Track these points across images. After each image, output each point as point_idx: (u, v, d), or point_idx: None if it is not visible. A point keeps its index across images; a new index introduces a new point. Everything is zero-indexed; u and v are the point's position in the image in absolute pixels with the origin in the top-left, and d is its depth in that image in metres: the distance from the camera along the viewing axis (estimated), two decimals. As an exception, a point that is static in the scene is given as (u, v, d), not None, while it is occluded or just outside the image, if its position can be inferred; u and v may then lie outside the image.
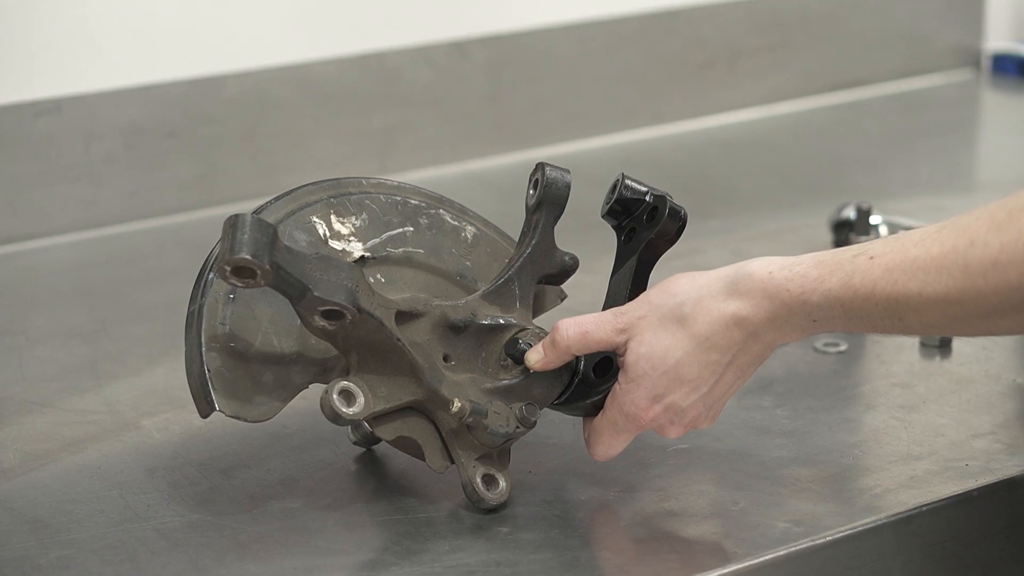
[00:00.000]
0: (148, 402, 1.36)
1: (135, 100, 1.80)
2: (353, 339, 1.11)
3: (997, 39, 2.37)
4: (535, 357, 1.16)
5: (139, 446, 1.28)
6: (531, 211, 1.23)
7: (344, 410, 1.10)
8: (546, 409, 1.19)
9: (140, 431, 1.31)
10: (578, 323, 1.15)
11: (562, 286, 1.26)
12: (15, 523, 1.16)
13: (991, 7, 2.36)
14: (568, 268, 1.24)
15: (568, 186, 1.22)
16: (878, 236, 1.63)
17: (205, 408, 1.11)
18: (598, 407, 1.17)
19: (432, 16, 1.97)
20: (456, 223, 1.26)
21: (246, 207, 1.18)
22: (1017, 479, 1.19)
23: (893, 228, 1.63)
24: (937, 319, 1.05)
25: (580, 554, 1.11)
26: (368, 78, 1.93)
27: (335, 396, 1.10)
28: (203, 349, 1.11)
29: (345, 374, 1.13)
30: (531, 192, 1.23)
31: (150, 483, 1.22)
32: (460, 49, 1.98)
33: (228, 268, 1.07)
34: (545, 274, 1.23)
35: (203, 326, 1.12)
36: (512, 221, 1.27)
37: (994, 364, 1.37)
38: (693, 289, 1.13)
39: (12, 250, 1.75)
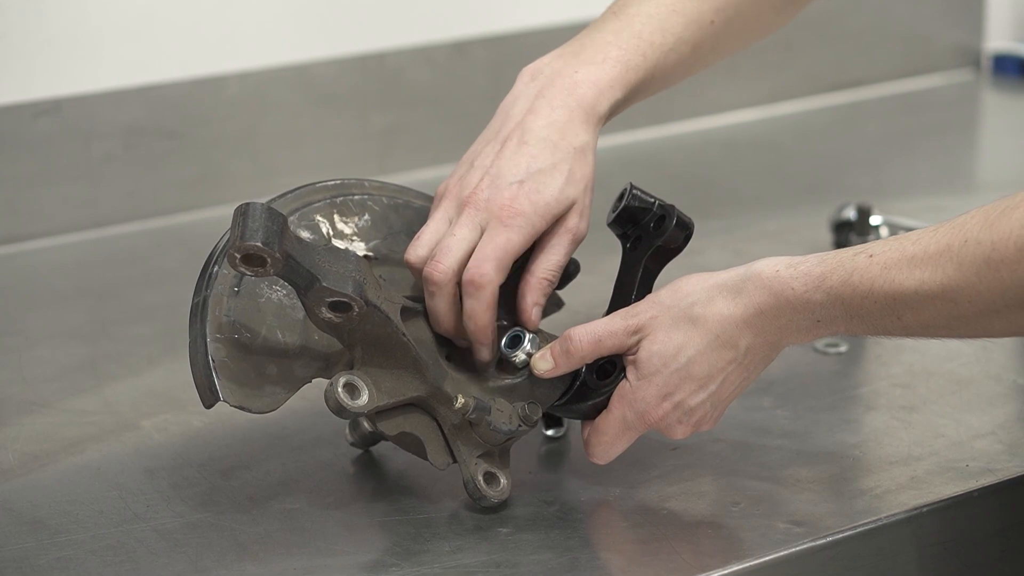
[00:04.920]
0: (148, 403, 1.36)
1: (135, 100, 1.80)
2: (358, 333, 1.11)
3: (997, 39, 2.36)
4: (544, 366, 1.17)
5: (139, 447, 1.28)
6: None
7: (349, 402, 1.10)
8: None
9: (140, 432, 1.31)
10: (590, 331, 1.15)
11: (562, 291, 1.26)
12: (14, 524, 1.16)
13: (991, 7, 2.36)
14: (570, 273, 1.24)
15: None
16: (878, 236, 1.63)
17: (209, 398, 1.10)
18: (598, 409, 1.17)
19: (432, 16, 1.97)
20: None
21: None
22: (1017, 479, 1.19)
23: (893, 228, 1.63)
24: (934, 318, 1.06)
25: (580, 555, 1.11)
26: (368, 78, 1.93)
27: (340, 389, 1.10)
28: (208, 339, 1.11)
29: (349, 368, 1.13)
30: None
31: (150, 484, 1.22)
32: (460, 49, 1.98)
33: (238, 255, 1.05)
34: None
35: (208, 317, 1.11)
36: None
37: (994, 364, 1.37)
38: (704, 290, 1.13)
39: (12, 250, 1.75)
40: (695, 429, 1.16)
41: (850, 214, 1.63)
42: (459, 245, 1.16)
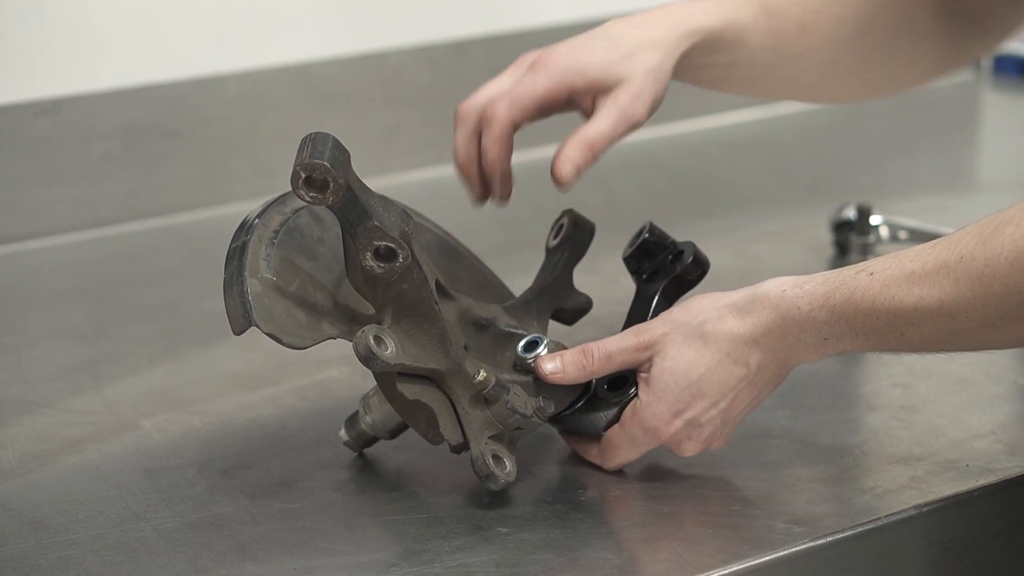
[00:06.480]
0: (147, 403, 1.36)
1: (135, 100, 1.80)
2: (393, 291, 1.11)
3: (997, 39, 2.36)
4: (551, 367, 1.17)
5: (138, 447, 1.28)
6: (551, 252, 1.26)
7: (378, 350, 1.10)
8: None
9: (139, 432, 1.31)
10: (602, 347, 1.17)
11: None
12: (14, 524, 1.16)
13: (991, 7, 2.35)
14: (583, 308, 1.27)
15: (592, 233, 1.25)
16: (878, 236, 1.63)
17: (242, 323, 1.09)
18: (609, 424, 1.18)
19: (432, 16, 1.97)
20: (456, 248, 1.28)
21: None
22: (1017, 479, 1.19)
23: (893, 228, 1.63)
24: (935, 333, 1.07)
25: (580, 554, 1.11)
26: (368, 78, 1.93)
27: (371, 337, 1.10)
28: (245, 274, 1.11)
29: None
30: (553, 239, 1.26)
31: (149, 484, 1.22)
32: (460, 49, 1.98)
33: (303, 174, 1.06)
34: (559, 308, 1.25)
35: (247, 257, 1.11)
36: (512, 220, 1.27)
37: (994, 364, 1.37)
38: (715, 310, 1.15)
39: (11, 250, 1.75)
40: (705, 446, 1.17)
41: (850, 214, 1.63)
42: (493, 86, 1.22)
